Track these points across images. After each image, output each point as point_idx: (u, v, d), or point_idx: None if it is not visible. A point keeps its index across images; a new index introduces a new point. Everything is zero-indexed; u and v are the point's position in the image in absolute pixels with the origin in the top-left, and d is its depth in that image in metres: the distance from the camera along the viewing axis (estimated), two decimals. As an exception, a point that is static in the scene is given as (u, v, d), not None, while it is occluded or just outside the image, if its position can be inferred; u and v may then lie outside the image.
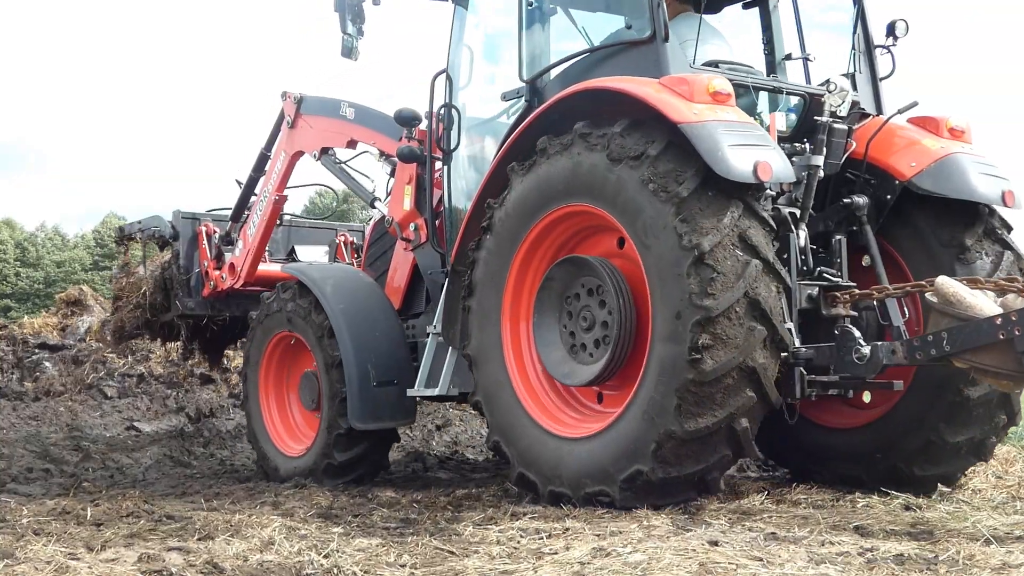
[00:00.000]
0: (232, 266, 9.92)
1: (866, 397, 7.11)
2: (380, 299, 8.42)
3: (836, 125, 6.84)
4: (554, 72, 7.29)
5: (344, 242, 10.96)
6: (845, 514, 6.02)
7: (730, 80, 6.42)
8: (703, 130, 5.91)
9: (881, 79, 7.41)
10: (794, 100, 7.12)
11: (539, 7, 7.42)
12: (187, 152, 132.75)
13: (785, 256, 6.27)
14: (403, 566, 5.03)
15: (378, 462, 8.30)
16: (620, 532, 5.50)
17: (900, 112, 7.09)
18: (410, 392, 7.74)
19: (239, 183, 10.22)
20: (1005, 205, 6.78)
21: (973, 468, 7.24)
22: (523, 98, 7.34)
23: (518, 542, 5.45)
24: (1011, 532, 5.38)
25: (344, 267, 9.07)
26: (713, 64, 6.89)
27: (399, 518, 6.31)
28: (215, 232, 10.28)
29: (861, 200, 6.87)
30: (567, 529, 5.67)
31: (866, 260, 6.91)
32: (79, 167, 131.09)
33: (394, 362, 7.96)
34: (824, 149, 6.76)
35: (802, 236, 6.63)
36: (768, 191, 6.27)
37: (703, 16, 6.94)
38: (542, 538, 5.49)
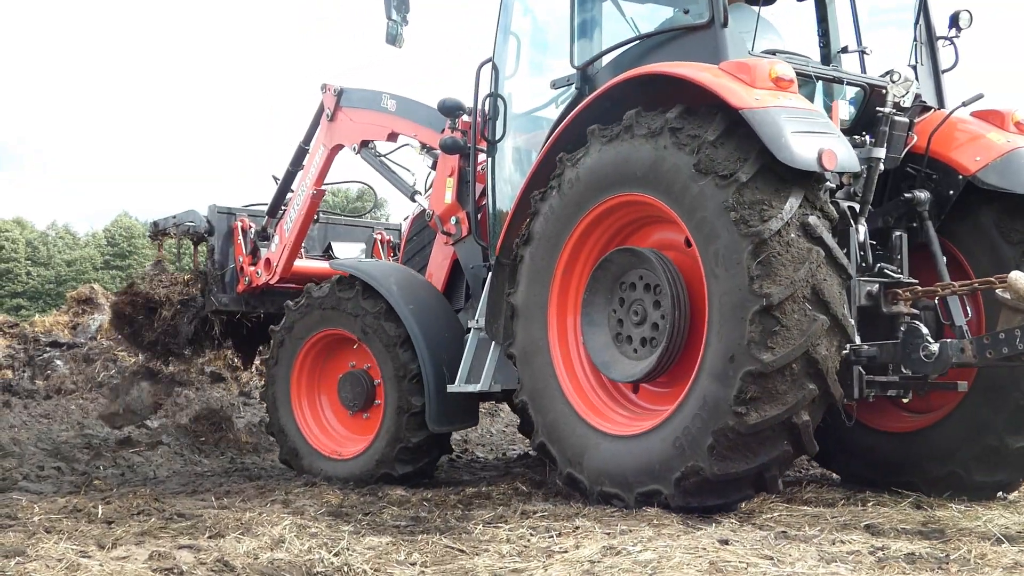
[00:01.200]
0: (268, 262, 9.79)
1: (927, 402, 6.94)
2: (440, 299, 8.26)
3: (897, 117, 6.67)
4: (606, 59, 7.12)
5: (381, 240, 10.88)
6: (856, 513, 6.01)
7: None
8: (766, 116, 5.73)
9: (943, 71, 7.26)
10: (854, 91, 6.97)
11: None
12: (188, 152, 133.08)
13: (845, 251, 6.06)
14: (413, 564, 5.04)
15: (430, 472, 8.19)
16: (630, 531, 5.50)
17: (964, 105, 6.90)
18: (451, 388, 7.53)
19: (275, 178, 10.14)
20: None
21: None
22: (573, 85, 7.19)
23: (528, 540, 5.46)
24: (1023, 531, 5.37)
25: (395, 265, 8.88)
26: (771, 52, 6.69)
27: (409, 516, 6.31)
28: (251, 227, 10.14)
29: (922, 195, 6.70)
30: (577, 527, 5.67)
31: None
32: (79, 167, 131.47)
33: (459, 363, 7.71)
34: (885, 142, 6.59)
35: (861, 231, 6.44)
36: (828, 183, 6.05)
37: (755, 8, 6.69)
38: (552, 536, 5.49)
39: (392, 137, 9.18)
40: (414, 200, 8.99)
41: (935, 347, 5.84)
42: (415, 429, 7.71)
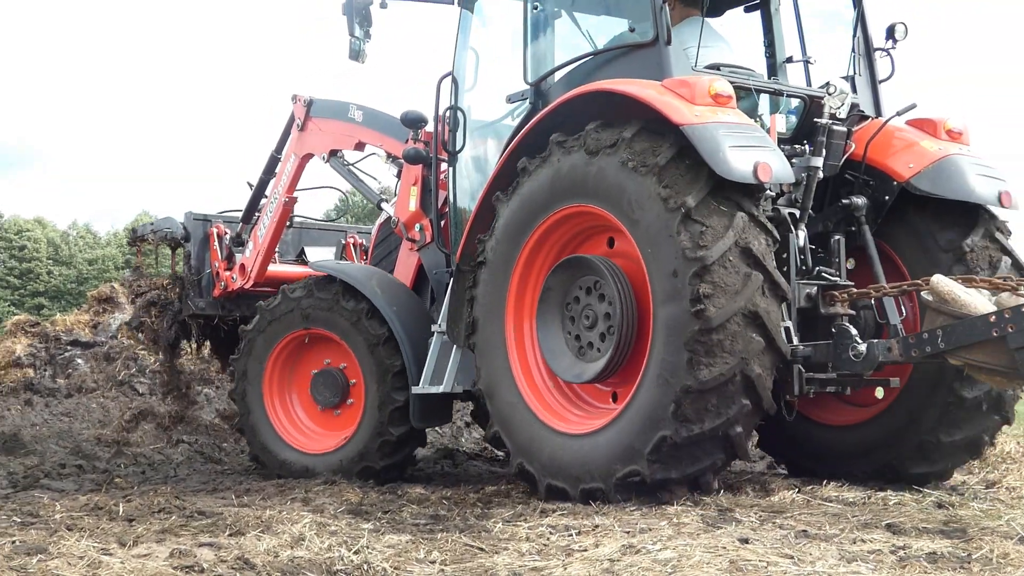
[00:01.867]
0: (243, 267, 10.05)
1: (879, 393, 7.28)
2: (417, 300, 8.49)
3: (835, 127, 6.93)
4: (558, 75, 7.41)
5: (353, 244, 11.10)
6: (877, 512, 5.98)
7: (731, 83, 6.51)
8: (705, 131, 6.04)
9: (880, 81, 7.52)
10: (794, 102, 7.23)
11: (543, 11, 7.56)
12: (192, 152, 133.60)
13: (784, 256, 6.43)
14: (433, 562, 5.04)
15: (407, 466, 8.42)
16: (650, 529, 5.49)
17: (899, 114, 7.20)
18: (415, 390, 7.83)
19: (250, 185, 10.35)
20: (1002, 205, 6.90)
21: (1007, 466, 7.23)
22: (528, 100, 7.49)
23: (548, 539, 5.46)
24: (1045, 530, 5.34)
25: (372, 267, 9.07)
26: (715, 67, 6.99)
27: (429, 515, 6.32)
28: (226, 233, 10.42)
29: (860, 201, 7.00)
30: (597, 526, 5.67)
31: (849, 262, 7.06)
32: (91, 167, 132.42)
33: None
34: (824, 151, 6.86)
35: (801, 236, 6.75)
36: (768, 192, 6.37)
37: (705, 20, 7.04)
38: (571, 535, 5.48)
39: (359, 147, 9.47)
40: (380, 208, 9.25)
41: (863, 347, 6.22)
42: (397, 424, 7.97)
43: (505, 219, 7.01)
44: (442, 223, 8.20)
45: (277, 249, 10.14)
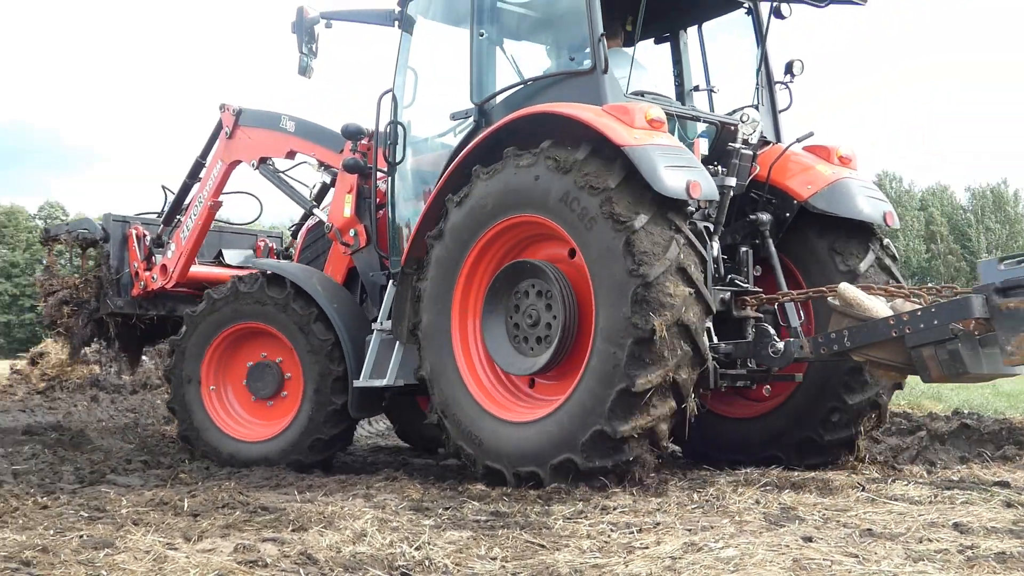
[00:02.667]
0: (164, 268, 10.48)
1: (765, 391, 8.21)
2: (354, 302, 9.04)
3: (744, 151, 7.70)
4: (500, 96, 7.98)
5: (264, 246, 11.74)
6: (943, 511, 5.90)
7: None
8: (643, 152, 6.71)
9: (780, 111, 8.43)
10: (709, 127, 8.01)
11: (488, 37, 8.09)
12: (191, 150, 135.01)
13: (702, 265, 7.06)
14: (494, 559, 5.04)
15: (331, 462, 8.89)
16: (712, 527, 5.46)
17: (798, 141, 8.06)
18: (356, 383, 8.35)
19: (165, 189, 10.91)
20: (886, 224, 7.83)
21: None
22: (471, 118, 8.02)
23: (608, 536, 5.44)
24: (1118, 530, 5.23)
25: (311, 268, 9.43)
26: (640, 94, 7.69)
27: (489, 511, 6.32)
28: (145, 235, 10.86)
29: (764, 217, 7.85)
30: (658, 523, 5.64)
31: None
32: (142, 166, 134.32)
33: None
34: (735, 172, 7.65)
35: (715, 248, 7.52)
36: (689, 207, 7.03)
37: (624, 49, 7.89)
38: (632, 532, 5.46)
39: (290, 155, 9.98)
40: (313, 213, 9.81)
41: (780, 345, 7.03)
42: (332, 425, 8.53)
43: (454, 223, 7.52)
44: (381, 229, 8.80)
45: None
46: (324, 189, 10.04)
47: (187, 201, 10.71)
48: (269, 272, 8.91)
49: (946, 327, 6.27)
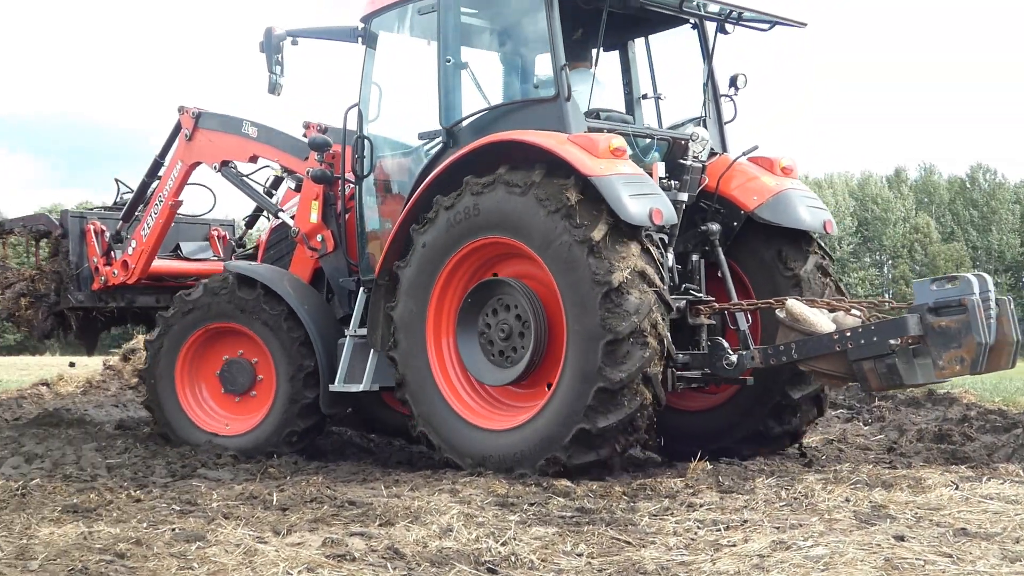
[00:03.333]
0: (125, 263, 10.73)
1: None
2: (324, 303, 9.40)
3: (694, 164, 8.20)
4: (467, 120, 8.37)
5: (217, 236, 11.94)
6: (1041, 510, 5.76)
7: (614, 129, 7.90)
8: (608, 182, 7.19)
9: (726, 123, 8.81)
10: (661, 143, 8.42)
11: (455, 63, 8.40)
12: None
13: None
14: (580, 555, 5.04)
15: (306, 451, 9.19)
16: (800, 525, 5.40)
17: (744, 154, 8.47)
18: (333, 388, 8.75)
19: (118, 182, 11.45)
20: (826, 231, 8.32)
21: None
22: (439, 139, 8.36)
23: (695, 533, 5.40)
24: None
25: (281, 269, 9.75)
26: (595, 112, 8.19)
27: (575, 507, 6.31)
28: (103, 230, 11.08)
29: (714, 227, 8.27)
30: (745, 521, 5.59)
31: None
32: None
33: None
34: (687, 187, 8.15)
35: (670, 258, 8.01)
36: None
37: (581, 67, 8.34)
38: (719, 530, 5.42)
39: (253, 159, 10.31)
40: (278, 216, 10.17)
41: (734, 357, 7.57)
42: (305, 417, 8.95)
43: (421, 249, 7.96)
44: (348, 236, 9.23)
45: None
46: (277, 182, 10.64)
47: (146, 197, 11.03)
48: (239, 273, 9.30)
49: (885, 343, 6.90)
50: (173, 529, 5.61)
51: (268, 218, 10.99)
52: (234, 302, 9.17)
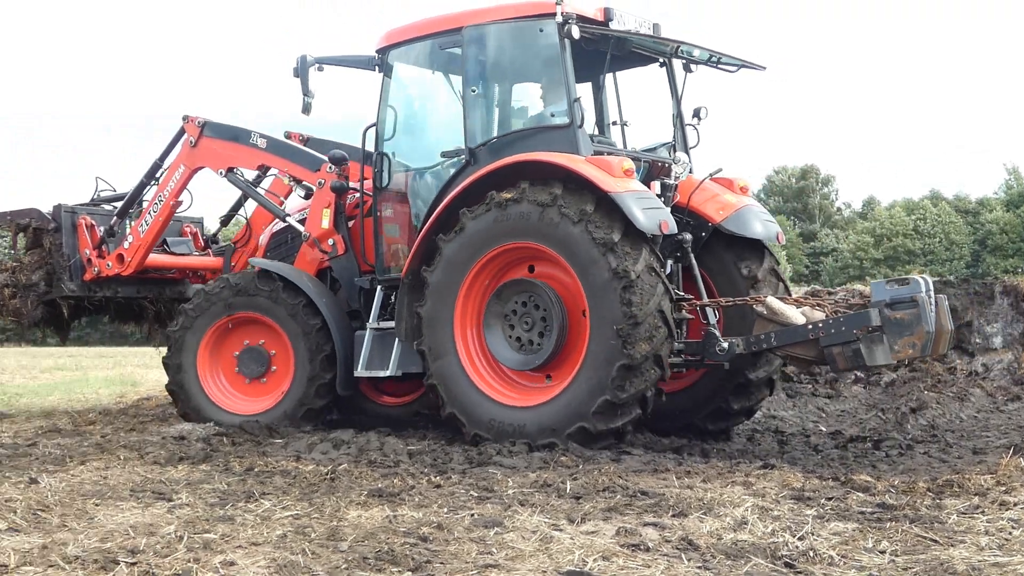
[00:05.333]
0: (120, 256, 11.64)
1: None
2: (334, 296, 10.52)
3: (671, 183, 9.63)
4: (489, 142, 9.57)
5: (191, 232, 12.84)
6: None
7: (612, 152, 9.25)
8: (624, 198, 8.48)
9: (691, 148, 10.13)
10: (643, 164, 9.63)
11: (481, 93, 9.65)
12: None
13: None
14: (882, 552, 4.86)
15: (332, 410, 10.49)
16: None
17: (711, 176, 9.86)
18: (358, 373, 10.02)
19: (99, 179, 12.48)
20: (777, 242, 9.84)
21: None
22: (463, 157, 9.51)
23: (1009, 533, 5.12)
24: None
25: (297, 268, 10.79)
26: (590, 137, 9.35)
27: (876, 503, 6.08)
28: (93, 224, 11.92)
29: (687, 236, 9.47)
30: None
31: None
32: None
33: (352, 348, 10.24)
34: (667, 202, 9.38)
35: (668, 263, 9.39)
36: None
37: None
38: (1038, 530, 5.09)
39: (261, 168, 11.45)
40: (285, 221, 11.13)
41: (725, 344, 8.75)
42: (322, 396, 10.13)
43: (448, 256, 9.12)
44: (367, 242, 10.44)
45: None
46: (259, 178, 11.77)
47: (143, 197, 11.90)
48: (259, 269, 10.53)
49: (852, 331, 8.14)
50: (472, 514, 5.78)
51: (245, 220, 12.29)
52: (253, 293, 10.33)
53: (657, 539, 5.15)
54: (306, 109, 10.35)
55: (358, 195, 10.49)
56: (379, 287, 10.14)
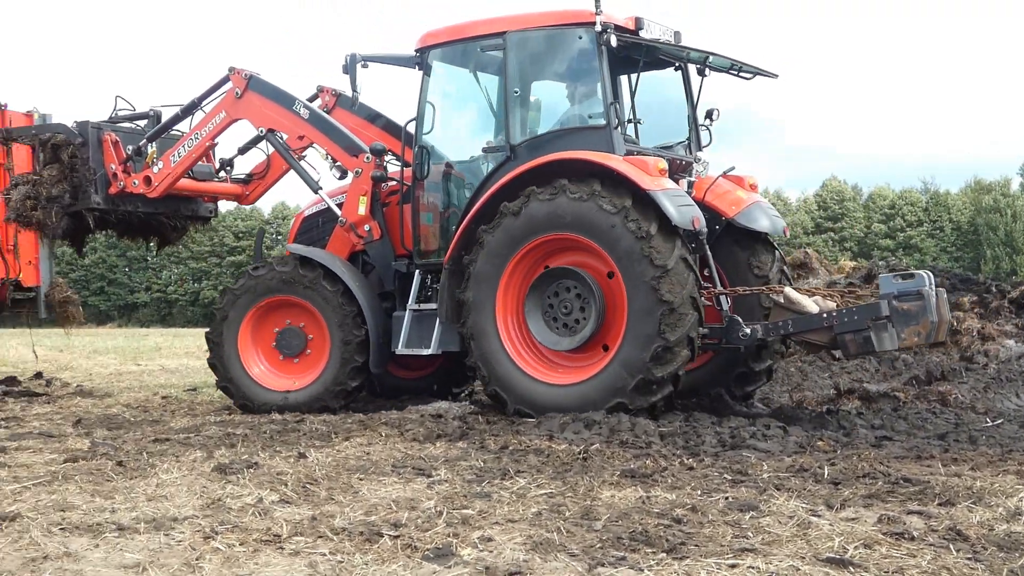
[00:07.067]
0: (148, 178, 12.05)
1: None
2: (367, 282, 11.07)
3: (692, 180, 10.35)
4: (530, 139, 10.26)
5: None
6: None
7: (643, 152, 9.91)
8: (661, 195, 9.19)
9: (704, 147, 10.77)
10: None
11: (521, 94, 10.26)
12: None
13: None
14: None
15: (349, 405, 10.90)
16: None
17: (724, 173, 10.48)
18: (399, 350, 10.69)
19: (119, 98, 12.86)
20: (784, 235, 10.52)
21: None
22: (504, 153, 10.17)
23: None
24: None
25: (331, 254, 11.25)
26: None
27: None
28: (117, 141, 12.23)
29: (703, 229, 9.74)
30: None
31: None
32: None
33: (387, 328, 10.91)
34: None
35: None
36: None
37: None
38: None
39: (301, 139, 11.62)
40: (317, 193, 11.76)
41: (748, 330, 9.41)
42: (355, 377, 10.75)
43: (490, 246, 9.77)
44: (406, 228, 10.96)
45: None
46: (249, 146, 12.43)
47: (177, 130, 12.36)
48: (301, 256, 11.03)
49: (864, 320, 8.81)
50: (726, 497, 5.72)
51: (266, 155, 12.45)
52: (295, 279, 10.88)
53: (923, 528, 4.95)
54: (353, 103, 11.45)
55: (392, 183, 11.16)
56: (417, 271, 10.80)
